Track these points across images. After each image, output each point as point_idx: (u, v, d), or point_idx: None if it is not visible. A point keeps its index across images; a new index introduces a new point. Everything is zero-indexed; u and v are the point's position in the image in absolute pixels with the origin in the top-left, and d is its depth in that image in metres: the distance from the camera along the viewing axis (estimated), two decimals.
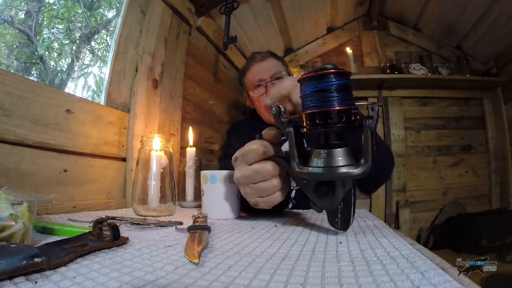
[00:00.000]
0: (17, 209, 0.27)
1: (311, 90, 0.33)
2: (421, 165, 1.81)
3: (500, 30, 1.59)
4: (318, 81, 0.32)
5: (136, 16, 0.83)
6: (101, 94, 0.77)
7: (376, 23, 1.93)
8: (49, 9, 1.26)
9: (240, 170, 0.40)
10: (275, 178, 0.39)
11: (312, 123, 0.33)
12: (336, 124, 0.31)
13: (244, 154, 0.40)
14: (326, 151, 0.33)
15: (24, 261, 0.20)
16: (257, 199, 0.41)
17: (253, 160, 0.39)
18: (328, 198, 0.34)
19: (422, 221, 1.75)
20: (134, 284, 0.19)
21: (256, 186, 0.40)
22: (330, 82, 0.32)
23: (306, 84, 0.34)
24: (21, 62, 1.13)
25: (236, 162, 0.41)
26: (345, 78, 0.32)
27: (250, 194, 0.41)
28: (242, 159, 0.40)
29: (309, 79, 0.33)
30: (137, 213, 0.56)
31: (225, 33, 1.14)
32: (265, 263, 0.24)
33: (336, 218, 0.35)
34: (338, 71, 0.32)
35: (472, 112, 1.87)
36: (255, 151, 0.39)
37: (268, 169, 0.39)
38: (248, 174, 0.39)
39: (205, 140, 1.15)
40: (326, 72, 0.32)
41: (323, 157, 0.33)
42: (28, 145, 0.52)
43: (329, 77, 0.32)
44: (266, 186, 0.39)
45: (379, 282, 0.19)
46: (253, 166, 0.39)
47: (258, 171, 0.39)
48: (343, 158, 0.32)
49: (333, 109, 0.31)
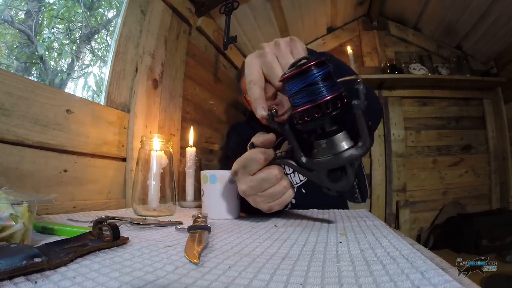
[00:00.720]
0: (17, 209, 0.27)
1: (298, 87, 0.33)
2: (421, 165, 1.81)
3: (500, 30, 1.59)
4: (302, 77, 0.32)
5: (136, 16, 0.83)
6: (101, 94, 0.77)
7: (376, 23, 1.93)
8: (49, 9, 1.26)
9: (244, 182, 0.40)
10: (283, 180, 0.39)
11: (310, 118, 0.33)
12: (333, 112, 0.32)
13: (244, 166, 0.39)
14: (327, 139, 0.34)
15: (24, 261, 0.20)
16: (270, 204, 0.40)
17: (256, 169, 0.39)
18: (342, 180, 0.35)
19: (422, 221, 1.75)
20: (134, 284, 0.19)
21: (266, 193, 0.39)
22: (314, 75, 0.32)
23: (290, 83, 0.33)
24: (21, 62, 1.13)
25: (238, 175, 0.40)
26: (325, 66, 0.32)
27: (262, 202, 0.40)
28: (243, 171, 0.39)
29: (292, 78, 0.33)
30: (137, 213, 0.56)
31: (225, 33, 1.14)
32: (265, 263, 0.24)
33: (355, 194, 0.37)
34: (317, 62, 0.32)
35: (472, 112, 1.87)
36: (256, 160, 0.38)
37: (275, 173, 0.38)
38: (255, 184, 0.39)
39: (205, 140, 1.15)
40: (307, 67, 0.32)
41: (326, 146, 0.34)
42: (28, 145, 0.52)
43: (311, 70, 0.32)
44: (277, 190, 0.39)
45: (379, 282, 0.19)
46: (258, 175, 0.39)
47: (266, 179, 0.38)
48: (345, 141, 0.33)
49: (326, 99, 0.32)
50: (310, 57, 0.33)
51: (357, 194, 0.37)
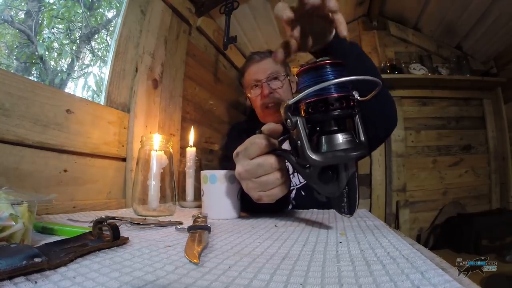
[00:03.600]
0: (17, 209, 0.27)
1: (310, 81, 0.35)
2: (421, 165, 1.81)
3: (500, 30, 1.59)
4: (316, 72, 0.34)
5: (136, 16, 0.83)
6: (101, 94, 0.77)
7: (376, 23, 1.92)
8: (49, 9, 1.26)
9: (242, 164, 0.41)
10: (278, 171, 0.40)
11: (314, 111, 0.34)
12: (337, 109, 0.33)
13: (246, 148, 0.40)
14: (327, 136, 0.34)
15: (24, 261, 0.20)
16: (260, 193, 0.41)
17: (255, 154, 0.39)
18: (333, 184, 0.35)
19: (422, 221, 1.75)
20: (134, 284, 0.19)
21: (258, 180, 0.40)
22: (327, 72, 0.34)
23: (304, 76, 0.35)
24: (21, 62, 1.13)
25: (238, 157, 0.41)
26: (340, 67, 0.34)
27: (253, 188, 0.41)
28: (244, 153, 0.40)
29: (307, 71, 0.35)
30: (137, 213, 0.56)
31: (225, 33, 1.14)
32: (265, 263, 0.24)
33: (342, 203, 0.36)
34: (333, 62, 0.34)
35: (472, 112, 1.87)
36: (257, 145, 0.39)
37: (271, 162, 0.39)
38: (250, 168, 0.40)
39: (205, 140, 1.15)
40: (322, 63, 0.34)
41: (324, 143, 0.34)
42: (28, 145, 0.52)
43: (325, 68, 0.34)
44: (269, 180, 0.39)
45: (379, 282, 0.19)
46: (255, 160, 0.39)
47: (261, 164, 0.39)
48: (344, 142, 0.34)
49: (333, 96, 0.33)
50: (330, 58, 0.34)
51: (344, 203, 0.36)
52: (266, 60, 0.93)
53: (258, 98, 0.88)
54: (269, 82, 0.88)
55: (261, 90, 0.88)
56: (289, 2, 0.39)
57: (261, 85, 0.88)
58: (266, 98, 0.86)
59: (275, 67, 0.91)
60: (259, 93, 0.88)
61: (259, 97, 0.88)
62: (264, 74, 0.89)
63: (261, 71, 0.90)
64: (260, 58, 0.93)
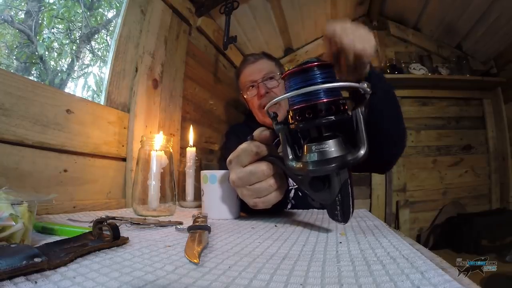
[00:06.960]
0: (17, 209, 0.27)
1: (297, 86, 0.33)
2: (421, 165, 1.81)
3: (500, 30, 1.59)
4: (303, 75, 0.32)
5: (136, 16, 0.83)
6: (101, 94, 0.77)
7: (376, 23, 1.92)
8: (49, 9, 1.26)
9: (235, 172, 0.40)
10: (271, 178, 0.39)
11: (301, 118, 0.32)
12: (326, 116, 0.31)
13: (238, 156, 0.40)
14: (316, 144, 0.33)
15: (24, 261, 0.20)
16: (255, 200, 0.41)
17: (247, 161, 0.39)
18: (325, 191, 0.34)
19: (422, 221, 1.75)
20: (134, 284, 0.19)
21: (252, 187, 0.40)
22: (315, 76, 0.32)
23: (291, 80, 0.33)
24: (21, 62, 1.13)
25: (231, 164, 0.41)
26: (328, 69, 0.32)
27: (248, 195, 0.41)
28: (236, 161, 0.40)
29: (293, 75, 0.33)
30: (137, 213, 0.56)
31: (225, 33, 1.14)
32: (265, 263, 0.24)
33: (336, 211, 0.34)
34: (321, 64, 0.32)
35: (472, 112, 1.87)
36: (248, 152, 0.39)
37: (263, 169, 0.39)
38: (243, 176, 0.39)
39: (205, 140, 1.15)
40: (309, 66, 0.32)
41: (315, 151, 0.33)
42: (28, 145, 0.52)
43: (313, 71, 0.32)
44: (262, 187, 0.39)
45: (379, 282, 0.19)
46: (247, 168, 0.39)
47: (253, 172, 0.39)
48: (335, 149, 0.32)
49: (321, 102, 0.31)
50: (319, 59, 0.33)
51: (338, 211, 0.34)
52: (260, 61, 0.93)
53: (255, 99, 0.89)
54: (265, 82, 0.88)
55: (257, 90, 0.88)
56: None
57: (257, 85, 0.88)
58: (262, 97, 0.86)
59: (270, 67, 0.91)
60: (256, 93, 0.88)
61: (256, 98, 0.88)
62: (259, 74, 0.89)
63: (256, 71, 0.90)
64: (255, 59, 0.93)
